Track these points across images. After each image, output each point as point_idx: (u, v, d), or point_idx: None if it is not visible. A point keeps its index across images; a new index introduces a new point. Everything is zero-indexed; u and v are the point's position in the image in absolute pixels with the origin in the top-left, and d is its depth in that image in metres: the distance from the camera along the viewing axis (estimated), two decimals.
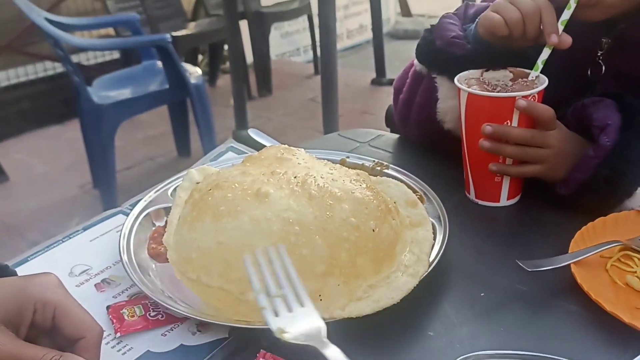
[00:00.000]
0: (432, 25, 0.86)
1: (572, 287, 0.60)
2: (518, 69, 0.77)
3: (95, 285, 0.65)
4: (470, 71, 0.77)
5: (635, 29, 0.78)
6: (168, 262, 0.62)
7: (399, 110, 0.95)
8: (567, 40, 0.71)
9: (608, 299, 0.58)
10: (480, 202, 0.79)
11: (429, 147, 0.92)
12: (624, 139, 0.68)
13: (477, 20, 0.80)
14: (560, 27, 0.73)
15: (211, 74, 4.08)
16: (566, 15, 0.73)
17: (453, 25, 0.83)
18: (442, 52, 0.82)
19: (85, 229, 0.74)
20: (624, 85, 0.80)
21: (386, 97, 1.08)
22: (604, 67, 0.81)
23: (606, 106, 0.72)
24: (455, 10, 0.88)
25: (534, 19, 0.71)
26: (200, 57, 4.24)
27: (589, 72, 0.83)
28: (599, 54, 0.81)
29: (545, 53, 0.74)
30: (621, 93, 0.73)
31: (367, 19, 4.23)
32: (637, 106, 0.70)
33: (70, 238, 0.72)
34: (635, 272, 0.62)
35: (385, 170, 0.80)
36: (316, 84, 2.84)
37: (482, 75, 0.77)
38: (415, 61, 0.88)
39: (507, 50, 0.76)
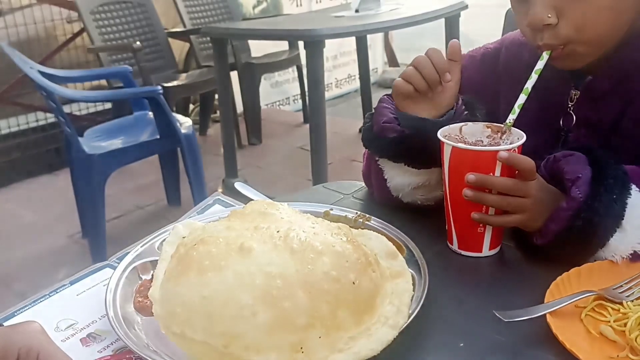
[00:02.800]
0: (371, 113, 0.92)
1: (548, 336, 0.62)
2: (494, 124, 0.81)
3: (80, 339, 0.65)
4: (450, 126, 0.81)
5: (601, 80, 0.83)
6: (154, 315, 0.63)
7: (366, 184, 1.01)
8: (448, 77, 0.80)
9: (582, 348, 0.59)
10: (462, 252, 0.81)
11: None
12: (595, 191, 0.71)
13: None
14: (535, 76, 0.78)
15: (202, 123, 4.14)
16: (540, 65, 0.79)
17: (386, 109, 0.88)
18: (378, 137, 0.88)
19: (72, 282, 0.75)
20: (594, 133, 0.85)
21: None
22: (574, 117, 0.86)
23: (577, 160, 0.75)
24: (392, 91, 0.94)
25: (425, 64, 0.80)
26: (191, 106, 4.30)
27: (561, 122, 0.87)
28: (569, 105, 0.86)
29: (522, 98, 0.78)
30: (591, 147, 0.76)
31: (355, 69, 4.33)
32: (606, 160, 0.74)
33: (57, 292, 0.73)
34: (609, 321, 0.64)
35: (368, 222, 0.82)
36: (306, 132, 2.89)
37: (460, 131, 0.81)
38: None
39: (430, 123, 0.83)
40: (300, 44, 3.49)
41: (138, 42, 3.32)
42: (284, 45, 4.14)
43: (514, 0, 0.82)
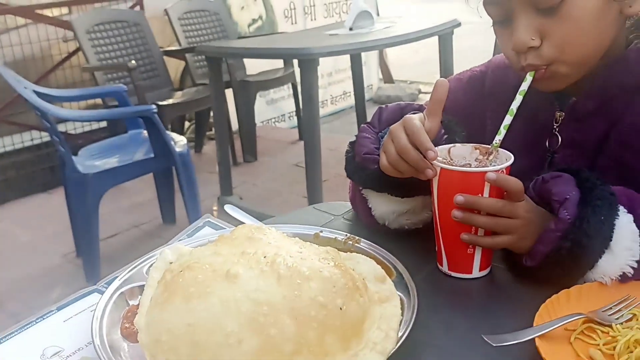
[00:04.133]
0: (353, 141, 0.92)
1: None
2: (482, 145, 0.81)
3: None
4: (438, 147, 0.81)
5: (585, 101, 0.84)
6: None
7: (353, 209, 1.00)
8: (432, 155, 0.75)
9: None
10: (453, 274, 0.80)
11: None
12: (583, 213, 0.71)
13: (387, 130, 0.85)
14: (519, 98, 0.79)
15: (197, 141, 4.15)
16: (524, 86, 0.79)
17: (367, 139, 0.89)
18: (360, 168, 0.88)
19: (59, 309, 0.74)
20: (580, 154, 0.85)
21: None
22: (560, 138, 0.86)
23: (565, 181, 0.75)
24: (372, 119, 0.93)
25: (406, 152, 0.76)
26: (186, 124, 4.32)
27: (547, 144, 0.88)
28: (554, 127, 0.87)
29: (508, 119, 0.78)
30: (578, 168, 0.76)
31: (350, 86, 4.36)
32: (594, 181, 0.74)
33: (43, 319, 0.73)
34: (598, 345, 0.64)
35: (357, 244, 0.82)
36: (301, 149, 2.90)
37: (449, 153, 0.81)
38: None
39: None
40: (295, 62, 3.52)
41: (133, 61, 3.34)
42: (279, 62, 4.17)
43: (496, 26, 0.83)
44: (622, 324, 0.66)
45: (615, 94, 0.82)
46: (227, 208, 0.91)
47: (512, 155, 0.76)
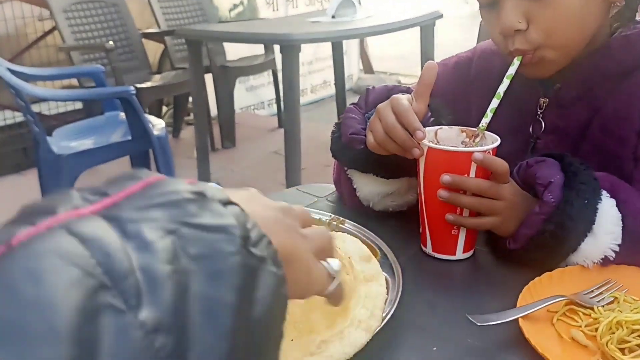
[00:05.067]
0: (339, 122, 0.92)
1: (520, 341, 0.62)
2: (469, 128, 0.81)
3: None
4: (426, 129, 0.80)
5: (568, 88, 0.85)
6: None
7: (337, 191, 1.00)
8: (420, 135, 0.75)
9: (554, 353, 0.59)
10: (436, 255, 0.81)
11: None
12: (567, 196, 0.72)
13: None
14: (506, 82, 0.79)
15: (175, 126, 4.09)
16: (511, 70, 0.80)
17: (353, 119, 0.88)
18: (346, 148, 0.87)
19: None
20: (563, 140, 0.86)
21: None
22: (543, 124, 0.87)
23: (549, 165, 0.76)
24: (358, 100, 0.93)
25: (394, 131, 0.76)
26: (164, 108, 4.25)
27: (530, 129, 0.89)
28: (538, 113, 0.87)
29: (494, 102, 0.79)
30: (562, 154, 0.77)
31: (330, 75, 4.34)
32: (577, 166, 0.74)
33: None
34: (580, 326, 0.64)
35: (342, 225, 0.82)
36: (280, 136, 2.88)
37: (436, 135, 0.81)
38: None
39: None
40: (276, 48, 3.49)
41: (111, 42, 3.27)
42: (259, 49, 4.13)
43: (483, 10, 0.83)
44: (603, 306, 0.67)
45: (598, 82, 0.83)
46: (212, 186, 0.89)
47: (498, 138, 0.77)
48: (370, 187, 0.89)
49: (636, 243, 0.73)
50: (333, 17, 3.02)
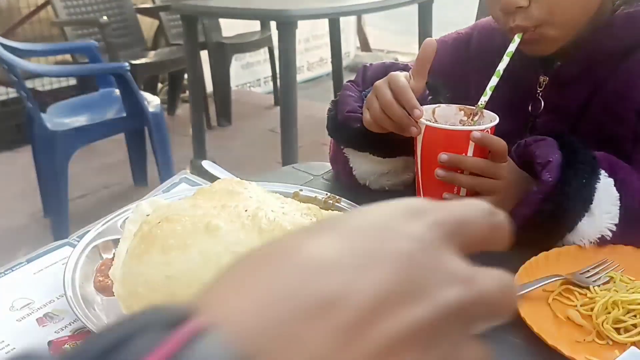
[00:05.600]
0: (336, 99, 0.90)
1: (516, 320, 0.61)
2: (467, 106, 0.80)
3: (37, 319, 0.63)
4: (424, 107, 0.79)
5: (569, 66, 0.84)
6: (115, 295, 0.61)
7: (333, 169, 0.99)
8: (417, 113, 0.74)
9: (549, 332, 0.59)
10: None
11: None
12: (565, 175, 0.71)
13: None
14: (506, 59, 0.78)
15: (170, 103, 4.06)
16: (511, 47, 0.78)
17: (350, 97, 0.87)
18: (343, 126, 0.86)
19: (29, 261, 0.72)
20: (562, 119, 0.85)
21: None
22: (543, 103, 0.86)
23: (547, 144, 0.75)
24: (355, 77, 0.92)
25: (391, 108, 0.75)
26: (159, 85, 4.22)
27: (529, 108, 0.88)
28: (538, 91, 0.86)
29: (494, 80, 0.77)
30: (561, 133, 0.76)
31: (327, 53, 4.30)
32: (576, 145, 0.74)
33: (12, 270, 0.70)
34: (576, 306, 0.64)
35: (338, 204, 0.81)
36: (276, 114, 2.86)
37: (433, 113, 0.80)
38: None
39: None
40: (273, 25, 3.45)
41: (105, 17, 3.23)
42: (255, 25, 4.08)
43: None
44: (599, 286, 0.66)
45: (599, 60, 0.82)
46: (205, 164, 0.89)
47: (496, 117, 0.76)
48: (366, 166, 0.88)
49: (634, 222, 0.73)
50: None
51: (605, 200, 0.72)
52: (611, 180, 0.73)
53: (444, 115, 0.80)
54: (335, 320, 0.19)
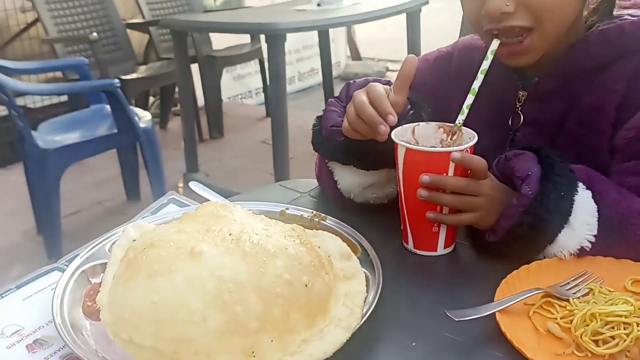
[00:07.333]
0: (320, 115, 0.92)
1: (497, 334, 0.63)
2: (446, 123, 0.82)
3: (26, 346, 0.63)
4: (403, 126, 0.81)
5: (547, 82, 0.86)
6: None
7: (319, 185, 1.01)
8: (391, 119, 0.76)
9: (530, 346, 0.60)
10: (418, 251, 0.81)
11: None
12: (544, 188, 0.73)
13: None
14: (481, 77, 0.80)
15: (162, 117, 4.07)
16: (485, 65, 0.80)
17: (334, 112, 0.90)
18: (327, 140, 0.89)
19: (18, 287, 0.73)
20: (541, 132, 0.88)
21: None
22: (522, 117, 0.89)
23: (527, 159, 0.76)
24: (339, 93, 0.94)
25: (363, 109, 0.78)
26: (151, 99, 4.23)
27: (510, 122, 0.90)
28: (517, 106, 0.89)
29: (469, 99, 0.79)
30: (540, 146, 0.78)
31: (318, 63, 4.32)
32: (554, 158, 0.75)
33: (2, 297, 0.71)
34: (556, 319, 0.65)
35: (323, 222, 0.82)
36: (268, 126, 2.87)
37: (413, 132, 0.82)
38: None
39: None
40: (263, 37, 3.47)
41: (95, 34, 3.24)
42: (245, 38, 4.10)
43: None
44: (579, 298, 0.68)
45: (575, 75, 0.84)
46: (192, 185, 0.90)
47: (475, 134, 0.77)
48: (350, 179, 0.90)
49: (612, 233, 0.74)
50: (319, 4, 3.00)
51: (584, 212, 0.73)
52: (589, 192, 0.74)
53: (424, 135, 0.81)
54: None
